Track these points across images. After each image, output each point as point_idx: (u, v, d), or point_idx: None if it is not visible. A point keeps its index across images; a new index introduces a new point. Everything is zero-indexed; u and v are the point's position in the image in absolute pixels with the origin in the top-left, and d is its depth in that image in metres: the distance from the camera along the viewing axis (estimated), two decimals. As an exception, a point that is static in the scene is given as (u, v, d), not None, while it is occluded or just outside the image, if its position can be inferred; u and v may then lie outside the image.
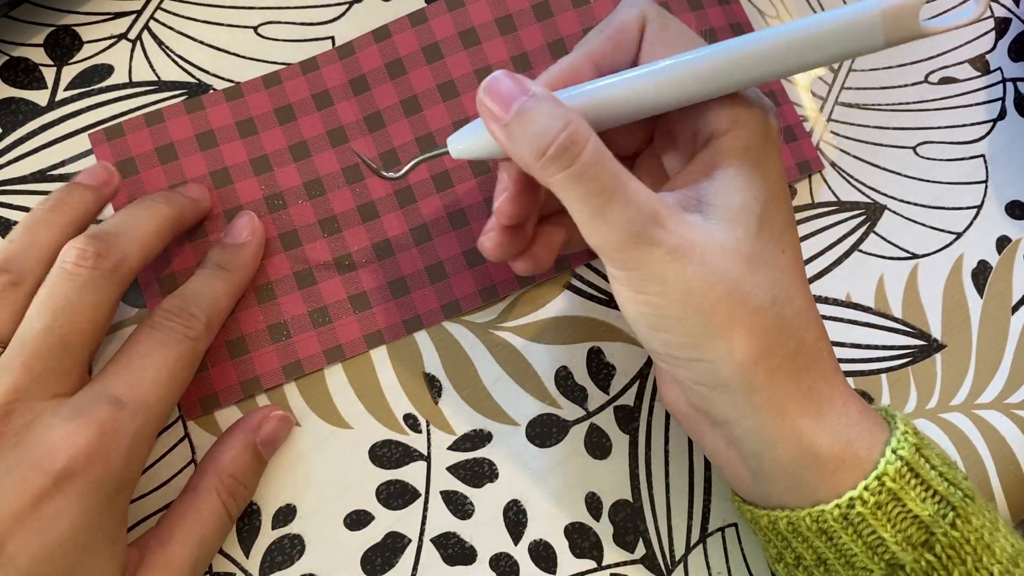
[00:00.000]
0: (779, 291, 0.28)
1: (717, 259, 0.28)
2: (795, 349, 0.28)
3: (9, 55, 0.38)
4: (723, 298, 0.28)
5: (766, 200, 0.29)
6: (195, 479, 0.33)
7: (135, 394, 0.30)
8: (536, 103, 0.28)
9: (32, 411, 0.29)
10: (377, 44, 0.38)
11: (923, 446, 0.29)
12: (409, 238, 0.37)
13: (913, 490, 0.28)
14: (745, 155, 0.29)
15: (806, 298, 0.30)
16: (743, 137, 0.29)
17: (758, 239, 0.28)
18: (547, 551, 0.35)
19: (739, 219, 0.28)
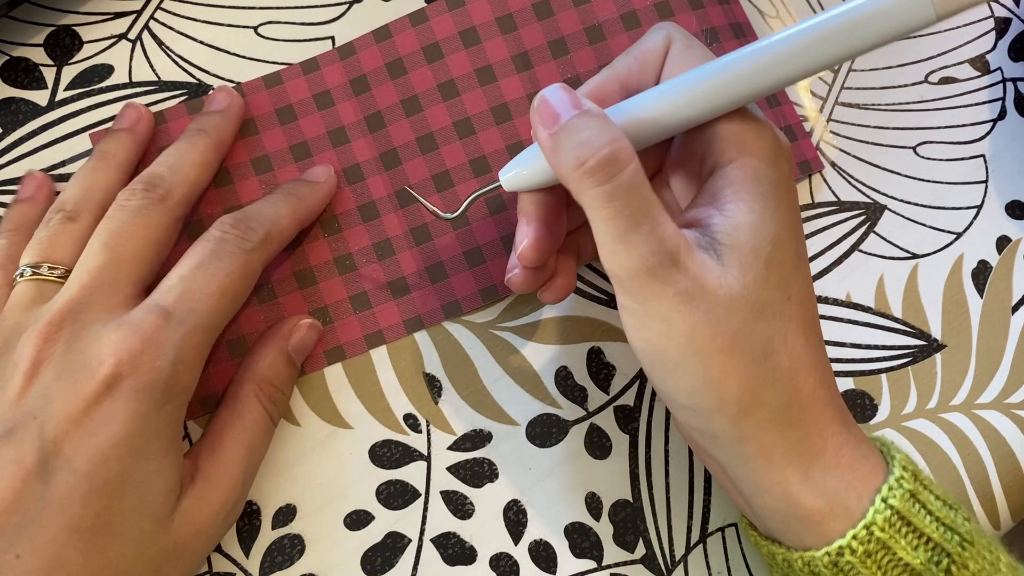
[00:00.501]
0: (778, 342, 0.28)
1: (723, 308, 0.28)
2: (787, 402, 0.29)
3: (9, 55, 0.38)
4: (723, 349, 0.28)
5: (776, 239, 0.28)
6: (234, 388, 0.34)
7: (183, 304, 0.31)
8: (587, 117, 0.28)
9: (83, 321, 0.30)
10: (378, 44, 0.38)
11: (919, 491, 0.29)
12: (410, 238, 0.37)
13: (904, 538, 0.28)
14: (755, 188, 0.29)
15: (809, 345, 0.29)
16: (751, 167, 0.29)
17: (765, 287, 0.28)
18: (547, 551, 0.35)
19: (749, 264, 0.28)
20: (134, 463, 0.29)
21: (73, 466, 0.28)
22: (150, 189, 0.33)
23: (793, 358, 0.29)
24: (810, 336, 0.29)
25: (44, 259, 0.32)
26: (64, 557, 0.28)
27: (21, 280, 0.32)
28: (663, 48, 0.31)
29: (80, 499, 0.28)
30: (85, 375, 0.29)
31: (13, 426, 0.29)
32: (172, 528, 0.30)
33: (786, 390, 0.29)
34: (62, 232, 0.33)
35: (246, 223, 0.33)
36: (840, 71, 0.41)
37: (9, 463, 0.28)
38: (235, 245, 0.32)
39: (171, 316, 0.30)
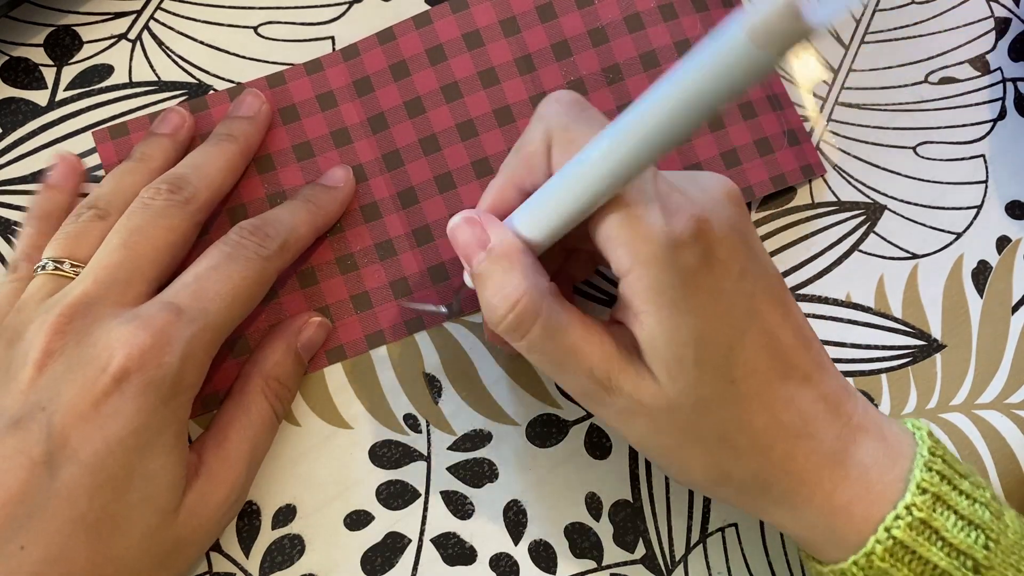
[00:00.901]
0: (730, 425, 0.29)
1: (665, 415, 0.28)
2: (755, 471, 0.29)
3: (9, 55, 0.38)
4: (675, 447, 0.29)
5: (699, 338, 0.27)
6: (241, 384, 0.34)
7: (195, 303, 0.31)
8: (489, 269, 0.29)
9: (94, 315, 0.30)
10: (381, 46, 0.38)
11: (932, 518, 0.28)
12: (412, 239, 0.37)
13: (907, 566, 0.28)
14: (658, 299, 0.27)
15: (768, 415, 0.29)
16: (648, 277, 0.27)
17: (700, 385, 0.28)
18: (547, 551, 0.35)
19: (677, 372, 0.28)
20: (140, 457, 0.29)
21: (79, 459, 0.29)
22: (175, 191, 0.33)
23: (753, 431, 0.29)
24: (769, 406, 0.29)
25: (68, 255, 0.32)
26: (68, 549, 0.28)
27: (41, 272, 0.32)
28: (544, 145, 0.29)
29: (86, 492, 0.29)
30: (95, 368, 0.29)
31: (21, 416, 0.29)
32: (176, 522, 0.31)
33: (752, 461, 0.29)
34: (90, 230, 0.33)
35: (265, 230, 0.33)
36: (840, 71, 0.41)
37: (16, 453, 0.28)
38: (252, 251, 0.32)
39: (182, 313, 0.30)
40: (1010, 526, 0.29)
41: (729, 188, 0.29)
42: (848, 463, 0.29)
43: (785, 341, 0.29)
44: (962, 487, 0.29)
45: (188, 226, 0.33)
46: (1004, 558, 0.28)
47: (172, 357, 0.30)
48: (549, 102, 0.30)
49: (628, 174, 0.26)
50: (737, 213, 0.29)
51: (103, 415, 0.29)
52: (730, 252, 0.28)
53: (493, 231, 0.29)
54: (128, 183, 0.34)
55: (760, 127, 0.39)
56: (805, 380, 0.29)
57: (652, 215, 0.27)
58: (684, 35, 0.39)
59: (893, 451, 0.29)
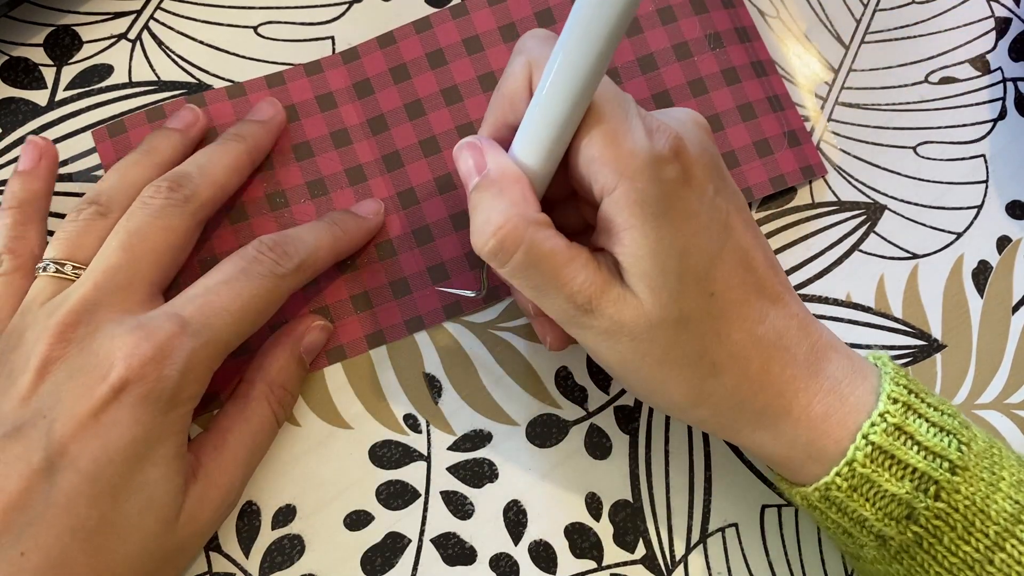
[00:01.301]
0: (710, 339, 0.29)
1: (646, 334, 0.29)
2: (735, 385, 0.30)
3: (9, 55, 0.38)
4: (655, 365, 0.30)
5: (682, 250, 0.28)
6: (244, 388, 0.34)
7: (201, 317, 0.31)
8: (480, 195, 0.29)
9: (96, 321, 0.30)
10: (382, 49, 0.38)
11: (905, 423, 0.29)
12: (411, 239, 0.37)
13: (887, 471, 0.29)
14: (642, 212, 0.28)
15: (744, 329, 0.30)
16: (633, 192, 0.28)
17: (682, 299, 0.29)
18: (547, 551, 0.35)
19: (659, 286, 0.28)
20: (139, 467, 0.29)
21: (78, 467, 0.29)
22: (175, 188, 0.33)
23: (731, 345, 0.29)
24: (746, 321, 0.30)
25: (68, 257, 0.32)
26: (68, 557, 0.28)
27: (43, 274, 0.32)
28: (524, 79, 0.29)
29: (85, 500, 0.29)
30: (95, 377, 0.29)
31: (22, 424, 0.29)
32: (176, 529, 0.31)
33: (731, 377, 0.30)
34: (92, 228, 0.32)
35: (284, 247, 0.33)
36: (840, 71, 0.41)
37: (16, 460, 0.28)
38: (268, 268, 0.32)
39: (187, 326, 0.30)
40: (978, 435, 0.30)
41: (698, 117, 0.31)
42: (821, 375, 0.30)
43: (758, 258, 0.30)
44: (929, 400, 0.30)
45: (188, 225, 0.33)
46: (977, 461, 0.29)
47: (172, 370, 0.30)
48: (526, 38, 0.30)
49: (586, 76, 0.27)
50: (707, 138, 0.30)
51: (102, 424, 0.29)
52: (704, 171, 0.29)
53: (491, 157, 0.29)
54: (132, 177, 0.34)
55: (760, 128, 0.39)
56: (777, 299, 0.30)
57: (635, 133, 0.28)
58: (683, 38, 0.39)
59: (860, 368, 0.31)
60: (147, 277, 0.32)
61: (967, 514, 0.29)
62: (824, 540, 0.36)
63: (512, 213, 0.28)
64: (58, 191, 0.37)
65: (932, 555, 0.29)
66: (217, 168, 0.34)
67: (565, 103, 0.28)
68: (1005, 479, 0.29)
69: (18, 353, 0.30)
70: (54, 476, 0.28)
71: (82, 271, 0.32)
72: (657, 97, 0.38)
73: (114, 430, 0.29)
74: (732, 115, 0.38)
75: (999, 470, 0.29)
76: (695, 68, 0.39)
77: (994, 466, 0.29)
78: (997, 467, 0.29)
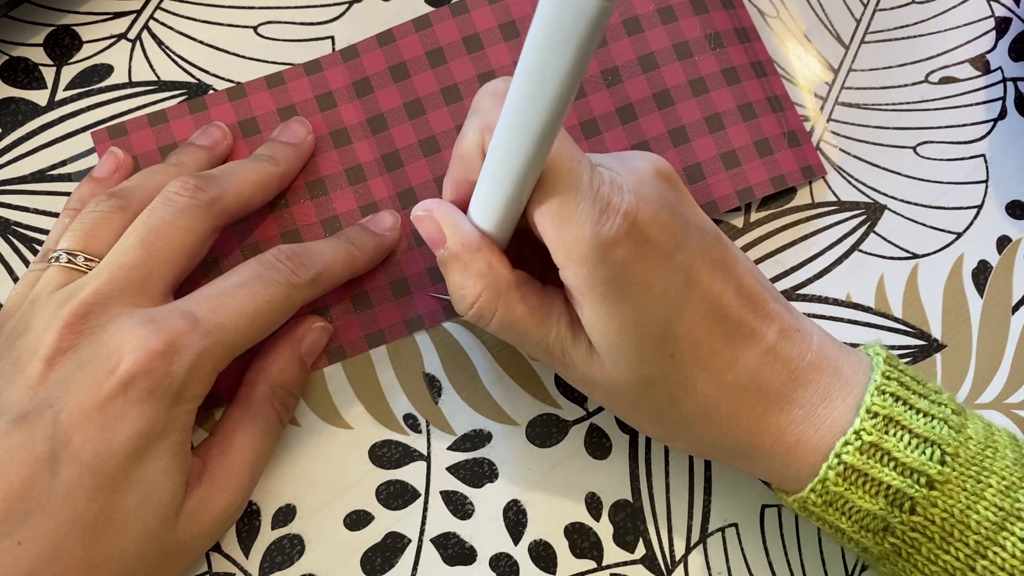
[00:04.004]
0: (676, 392, 0.30)
1: (613, 391, 0.30)
2: (703, 430, 0.31)
3: (9, 55, 0.38)
4: (627, 414, 0.32)
5: (636, 323, 0.29)
6: (246, 391, 0.34)
7: (214, 317, 0.31)
8: (447, 268, 0.30)
9: (109, 314, 0.30)
10: (381, 48, 0.38)
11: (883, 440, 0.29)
12: (411, 239, 0.37)
13: (861, 488, 0.29)
14: (591, 292, 0.28)
15: (711, 380, 0.30)
16: (581, 275, 0.28)
17: (641, 365, 0.29)
18: (547, 551, 0.35)
19: (617, 356, 0.29)
20: (140, 462, 0.29)
21: (81, 459, 0.29)
22: (203, 188, 0.33)
23: (698, 396, 0.30)
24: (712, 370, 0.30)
25: (82, 248, 0.32)
26: (65, 548, 0.28)
27: (54, 264, 0.32)
28: (477, 142, 0.30)
29: (85, 492, 0.29)
30: (103, 369, 0.29)
31: (28, 412, 0.29)
32: (175, 527, 0.31)
33: (699, 424, 0.31)
34: (108, 222, 0.32)
35: (302, 258, 0.33)
36: (841, 71, 0.41)
37: (20, 449, 0.28)
38: (284, 276, 0.32)
39: (198, 325, 0.30)
40: (972, 438, 0.30)
41: (658, 165, 0.30)
42: (795, 405, 0.30)
43: (727, 302, 0.30)
44: (919, 406, 0.30)
45: (208, 228, 0.33)
46: (962, 471, 0.29)
47: (179, 367, 0.30)
48: (482, 96, 0.30)
49: (531, 149, 0.26)
50: (667, 187, 0.30)
51: (107, 417, 0.29)
52: (662, 230, 0.28)
53: (448, 229, 0.30)
54: (156, 181, 0.34)
55: (760, 128, 0.39)
56: (750, 337, 0.30)
57: (582, 215, 0.27)
58: (683, 37, 0.39)
59: (847, 383, 0.31)
60: (162, 276, 0.32)
61: (944, 526, 0.29)
62: (824, 540, 0.36)
63: (481, 286, 0.30)
64: (57, 191, 0.37)
65: (912, 563, 0.30)
66: (246, 181, 0.34)
67: (512, 175, 0.27)
68: (992, 486, 0.29)
69: (26, 340, 0.30)
70: (57, 467, 0.28)
71: (94, 263, 0.32)
72: (657, 96, 0.38)
73: (118, 424, 0.29)
74: (732, 115, 0.38)
75: (987, 476, 0.29)
76: (695, 68, 0.39)
77: (982, 473, 0.29)
78: (986, 473, 0.29)
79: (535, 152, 0.26)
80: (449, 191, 0.31)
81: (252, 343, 0.32)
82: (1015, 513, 0.29)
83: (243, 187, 0.34)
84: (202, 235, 0.33)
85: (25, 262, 0.36)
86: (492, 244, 0.30)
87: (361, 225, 0.36)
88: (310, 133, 0.37)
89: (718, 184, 0.38)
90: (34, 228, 0.37)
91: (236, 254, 0.36)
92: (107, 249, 0.32)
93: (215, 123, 0.37)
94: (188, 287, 0.33)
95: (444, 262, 0.30)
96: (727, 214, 0.39)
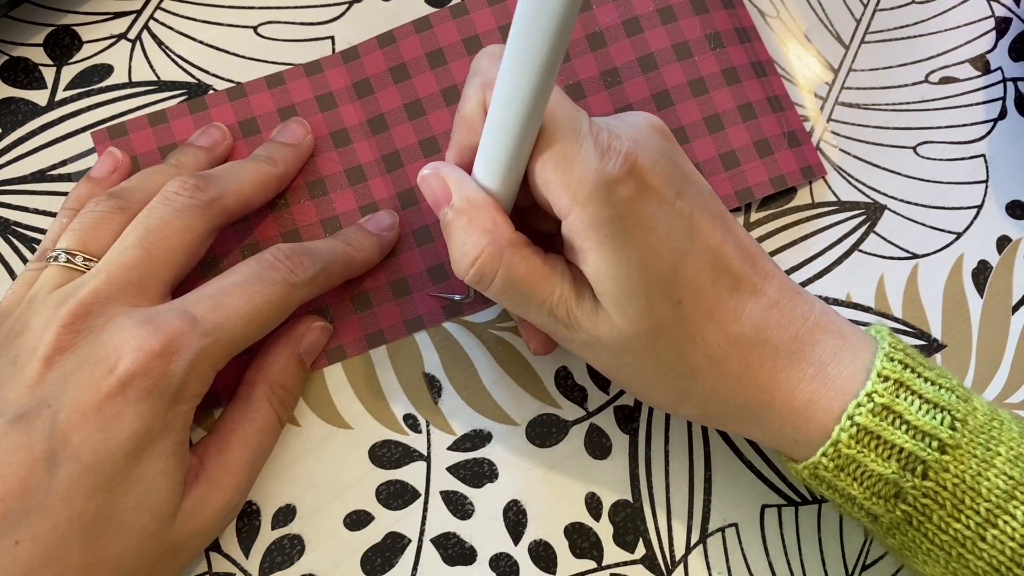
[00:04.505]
0: (684, 345, 0.30)
1: (621, 346, 0.30)
2: (713, 386, 0.30)
3: (9, 55, 0.38)
4: (635, 374, 0.31)
5: (641, 265, 0.28)
6: (245, 390, 0.34)
7: (212, 316, 0.31)
8: (451, 226, 0.30)
9: (108, 314, 0.30)
10: (381, 49, 0.38)
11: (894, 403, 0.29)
12: (411, 239, 0.37)
13: (874, 451, 0.29)
14: (597, 235, 0.28)
15: (719, 330, 0.30)
16: (586, 216, 0.28)
17: (649, 311, 0.29)
18: (547, 551, 0.35)
19: (624, 304, 0.29)
20: (138, 461, 0.29)
21: (79, 458, 0.29)
22: (202, 188, 0.33)
23: (706, 348, 0.30)
24: (720, 322, 0.30)
25: (81, 248, 0.32)
26: (63, 548, 0.28)
27: (53, 264, 0.32)
28: (479, 101, 0.30)
29: (83, 492, 0.29)
30: (102, 369, 0.29)
31: (27, 411, 0.29)
32: (173, 526, 0.31)
33: (709, 378, 0.30)
34: (107, 222, 0.33)
35: (300, 258, 0.33)
36: (840, 71, 0.41)
37: (18, 448, 0.28)
38: (282, 275, 0.32)
39: (196, 324, 0.30)
40: (979, 408, 0.30)
41: (654, 120, 0.31)
42: (805, 362, 0.30)
43: (729, 254, 0.30)
44: (927, 374, 0.30)
45: (206, 229, 0.33)
46: (972, 438, 0.29)
47: (178, 367, 0.30)
48: (480, 57, 0.30)
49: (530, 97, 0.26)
50: (664, 140, 0.30)
51: (105, 417, 0.29)
52: (662, 177, 0.29)
53: (454, 186, 0.30)
54: (156, 182, 0.34)
55: (760, 128, 0.39)
56: (754, 291, 0.30)
57: (585, 156, 0.28)
58: (683, 38, 0.39)
59: (853, 345, 0.30)
60: (160, 276, 0.32)
61: (956, 492, 0.29)
62: (824, 540, 0.36)
63: (484, 242, 0.29)
64: (57, 191, 0.37)
65: (923, 532, 0.30)
66: (246, 182, 0.34)
67: (513, 127, 0.27)
68: (1001, 454, 0.29)
69: (24, 339, 0.30)
70: (55, 467, 0.28)
71: (93, 263, 0.32)
72: (657, 96, 0.38)
73: (117, 423, 0.29)
74: (732, 115, 0.38)
75: (996, 445, 0.29)
76: (695, 68, 0.39)
77: (991, 441, 0.29)
78: (994, 442, 0.29)
79: (534, 98, 0.27)
80: (453, 157, 0.31)
81: (251, 342, 0.32)
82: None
83: (242, 187, 0.34)
84: (201, 235, 0.33)
85: (25, 262, 0.37)
86: (496, 203, 0.30)
87: (359, 225, 0.36)
88: (309, 133, 0.37)
89: (718, 184, 0.38)
90: (34, 228, 0.37)
91: (236, 254, 0.36)
92: (106, 249, 0.32)
93: (215, 124, 0.37)
94: (187, 286, 0.33)
95: (448, 221, 0.30)
96: (727, 214, 0.39)
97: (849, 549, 0.36)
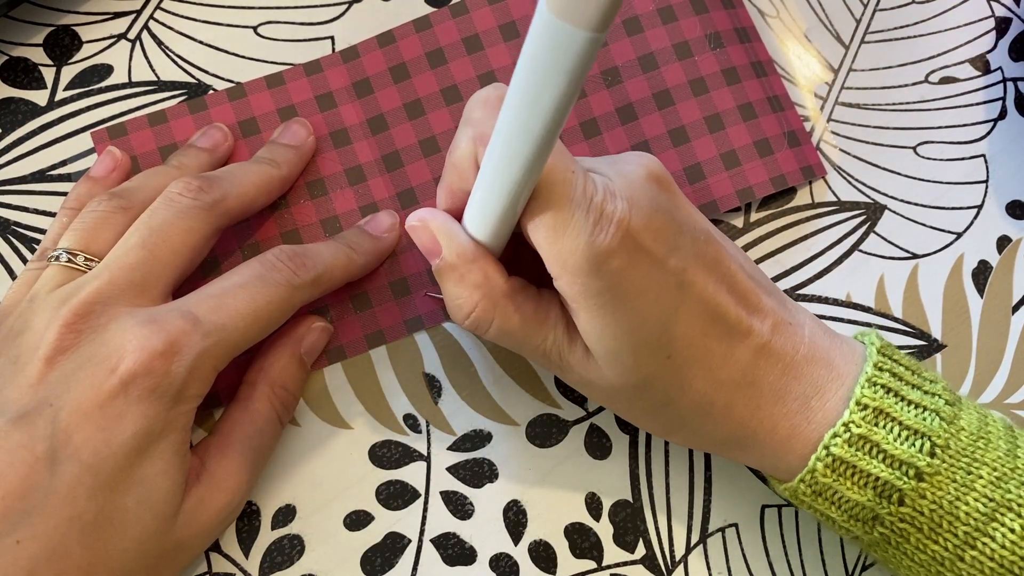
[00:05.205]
0: (673, 392, 0.30)
1: (611, 392, 0.31)
2: (699, 425, 0.31)
3: (9, 55, 0.38)
4: (625, 412, 0.33)
5: (631, 330, 0.29)
6: (245, 390, 0.34)
7: (214, 317, 0.31)
8: (443, 278, 0.30)
9: (109, 314, 0.30)
10: (381, 48, 0.38)
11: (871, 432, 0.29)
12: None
13: (849, 479, 0.29)
14: (586, 303, 0.28)
15: (706, 377, 0.30)
16: (576, 285, 0.28)
17: (637, 368, 0.30)
18: (547, 551, 0.35)
19: (612, 362, 0.30)
20: (139, 461, 0.29)
21: (80, 458, 0.29)
22: (205, 190, 0.33)
23: (694, 394, 0.30)
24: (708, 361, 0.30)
25: (82, 248, 0.32)
26: (64, 547, 0.28)
27: (54, 263, 0.32)
28: (470, 152, 0.29)
29: (84, 491, 0.29)
30: (104, 369, 0.29)
31: (28, 411, 0.29)
32: (174, 526, 0.31)
33: (695, 420, 0.31)
34: (109, 222, 0.32)
35: (303, 259, 0.33)
36: (840, 71, 0.41)
37: (19, 448, 0.28)
38: (285, 277, 0.32)
39: (199, 325, 0.30)
40: (964, 429, 0.30)
41: (650, 167, 0.30)
42: (789, 398, 0.30)
43: (722, 303, 0.30)
44: (910, 397, 0.30)
45: (209, 230, 0.33)
46: (953, 462, 0.29)
47: (179, 367, 0.30)
48: (474, 105, 0.30)
49: (525, 163, 0.26)
50: (659, 191, 0.30)
51: (107, 416, 0.29)
52: (656, 235, 0.29)
53: (443, 239, 0.30)
54: (158, 183, 0.34)
55: (760, 128, 0.39)
56: (745, 334, 0.30)
57: (577, 226, 0.28)
58: (683, 37, 0.39)
59: (839, 375, 0.31)
60: (163, 277, 0.32)
61: (932, 517, 0.29)
62: (824, 540, 0.36)
63: (477, 297, 0.30)
64: (57, 191, 0.37)
65: (902, 552, 0.30)
66: (249, 184, 0.34)
67: (506, 188, 0.27)
68: (983, 477, 0.29)
69: (26, 339, 0.30)
70: (56, 466, 0.28)
71: (94, 263, 0.32)
72: (657, 96, 0.38)
73: (118, 423, 0.29)
74: (732, 115, 0.38)
75: (978, 468, 0.29)
76: (695, 67, 0.39)
77: (972, 464, 0.29)
78: (977, 464, 0.29)
79: (529, 170, 0.26)
80: (443, 199, 0.31)
81: (252, 343, 0.32)
82: (1006, 504, 0.29)
83: (245, 189, 0.34)
84: (203, 237, 0.33)
85: (25, 262, 0.37)
86: (487, 254, 0.30)
87: (359, 228, 0.36)
88: (311, 134, 0.37)
89: (718, 184, 0.38)
90: (34, 228, 0.37)
91: (236, 254, 0.36)
92: (107, 249, 0.32)
93: (216, 125, 0.37)
94: (188, 287, 0.33)
95: (440, 272, 0.30)
96: (727, 214, 0.39)
97: (849, 549, 0.36)
